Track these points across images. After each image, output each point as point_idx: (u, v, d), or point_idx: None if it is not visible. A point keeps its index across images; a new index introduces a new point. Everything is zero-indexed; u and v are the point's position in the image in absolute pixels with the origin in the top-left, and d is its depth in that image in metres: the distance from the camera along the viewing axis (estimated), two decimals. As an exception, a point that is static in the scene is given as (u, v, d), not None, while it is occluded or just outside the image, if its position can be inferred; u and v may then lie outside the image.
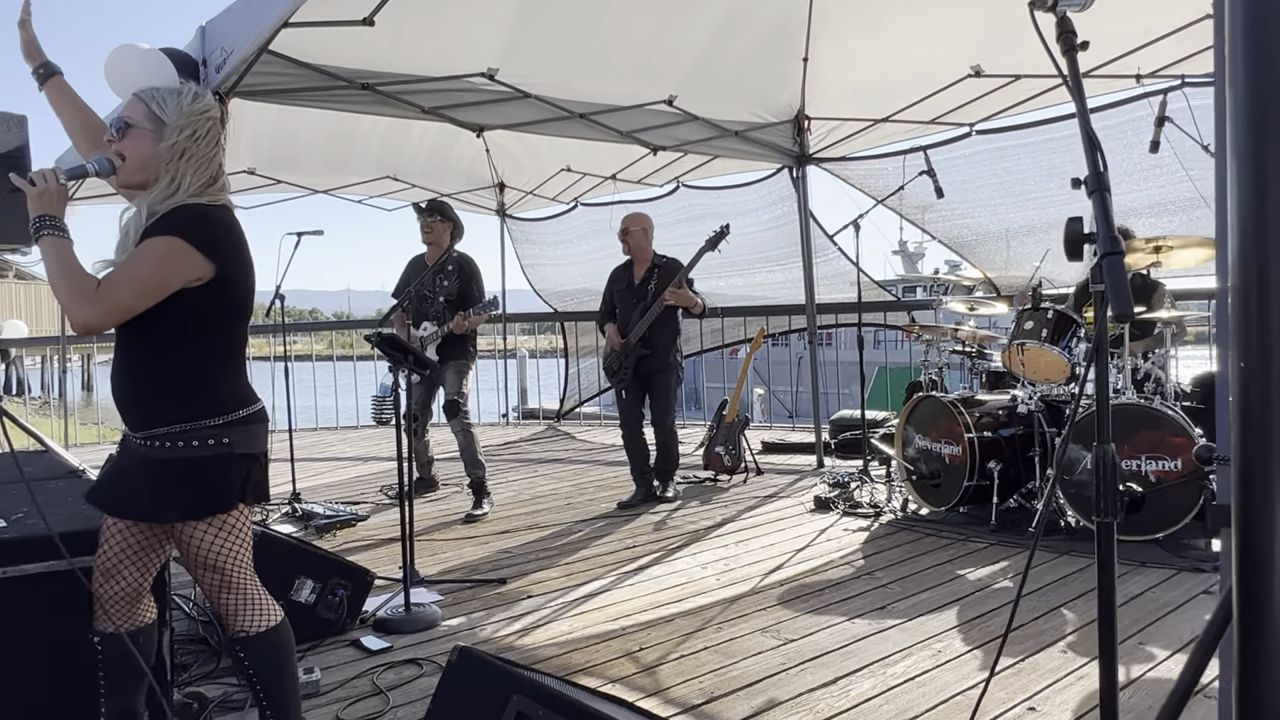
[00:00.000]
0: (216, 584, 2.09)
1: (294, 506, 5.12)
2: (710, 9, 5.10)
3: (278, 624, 2.16)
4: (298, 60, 4.18)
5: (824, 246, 7.08)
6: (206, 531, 2.05)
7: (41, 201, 1.95)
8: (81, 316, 1.92)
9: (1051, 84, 5.13)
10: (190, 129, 2.04)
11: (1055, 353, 4.47)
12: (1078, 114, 1.32)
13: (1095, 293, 1.25)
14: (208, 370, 2.07)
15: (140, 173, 2.04)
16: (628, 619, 3.46)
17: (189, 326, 2.02)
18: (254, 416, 2.12)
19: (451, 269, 5.28)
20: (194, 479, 2.02)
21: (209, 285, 2.01)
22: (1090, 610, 3.29)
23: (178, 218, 1.99)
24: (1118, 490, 1.28)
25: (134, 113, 2.05)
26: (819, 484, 5.58)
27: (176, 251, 1.96)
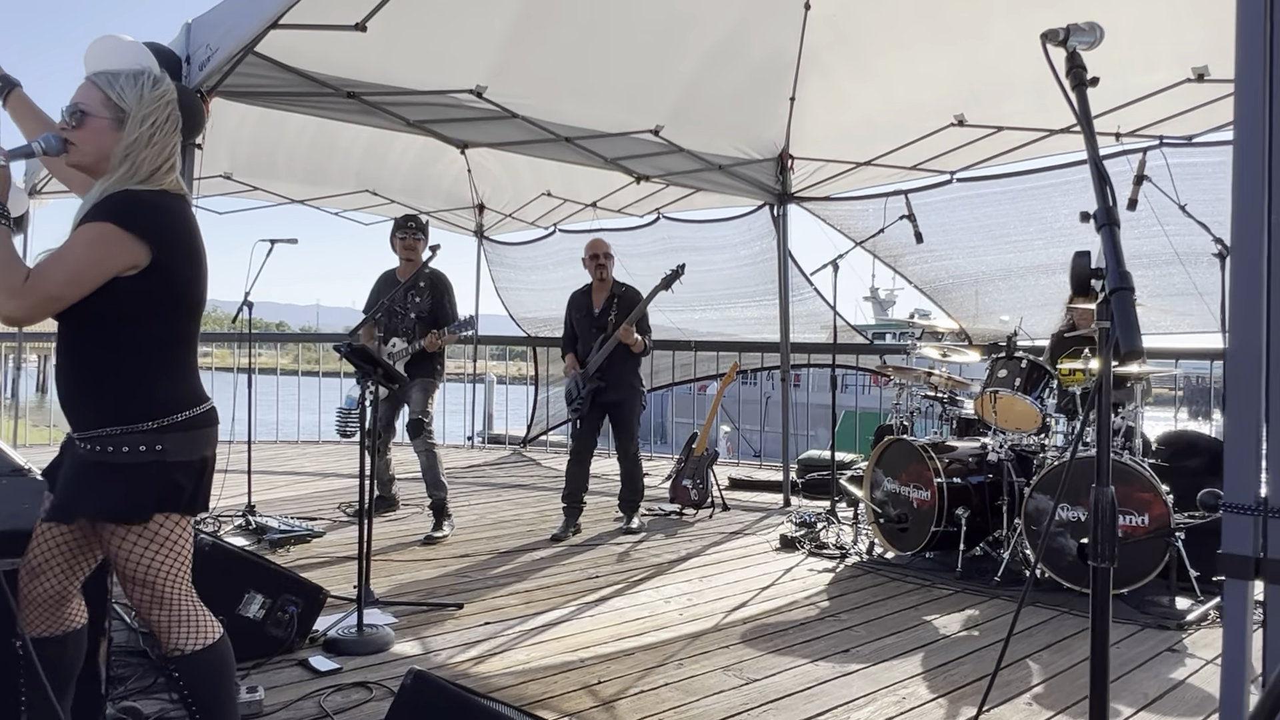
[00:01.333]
0: (147, 599, 1.98)
1: (248, 519, 4.97)
2: (701, 42, 5.13)
3: (215, 641, 2.05)
4: (284, 64, 4.12)
5: (799, 285, 7.09)
6: (136, 543, 1.94)
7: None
8: (6, 309, 1.82)
9: (1033, 137, 5.21)
10: (152, 118, 1.96)
11: (1028, 402, 4.48)
12: (1087, 148, 1.31)
13: (1101, 329, 1.22)
14: (145, 368, 1.96)
15: (97, 162, 1.96)
16: (587, 651, 3.37)
17: (124, 319, 1.92)
18: (196, 420, 2.00)
19: (424, 285, 5.20)
20: (115, 484, 1.91)
21: (145, 273, 1.90)
22: (1056, 661, 3.28)
23: (110, 203, 1.90)
24: (1115, 534, 1.25)
25: (90, 100, 1.94)
26: (785, 523, 5.53)
27: (107, 236, 1.87)
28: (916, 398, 5.36)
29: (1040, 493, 4.20)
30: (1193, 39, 4.27)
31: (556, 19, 4.65)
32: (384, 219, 8.11)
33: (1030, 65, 4.86)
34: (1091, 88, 1.35)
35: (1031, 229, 5.72)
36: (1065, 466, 4.15)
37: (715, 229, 7.46)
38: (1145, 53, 4.36)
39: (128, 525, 1.94)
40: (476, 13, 4.44)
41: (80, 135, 1.94)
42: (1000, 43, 4.77)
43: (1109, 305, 1.17)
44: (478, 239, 8.84)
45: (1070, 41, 1.36)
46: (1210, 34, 4.15)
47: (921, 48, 5.07)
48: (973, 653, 3.38)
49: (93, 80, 1.96)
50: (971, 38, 4.83)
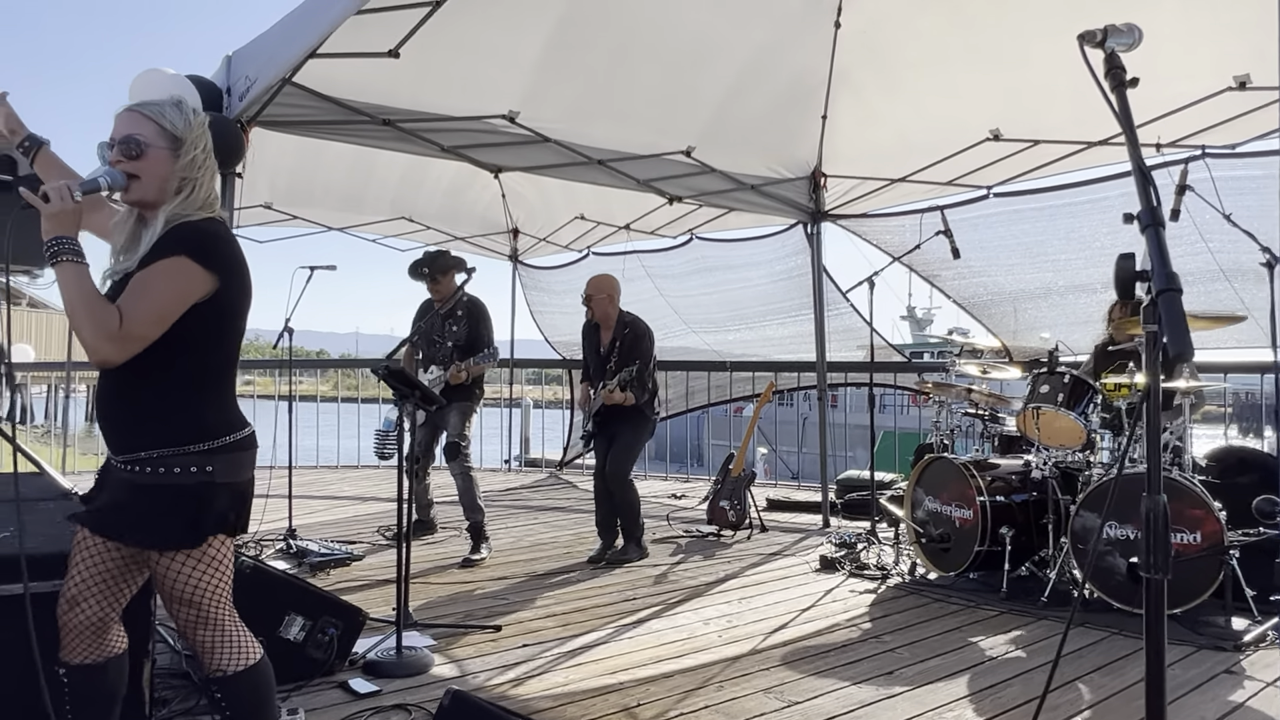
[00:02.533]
0: (192, 619, 2.00)
1: (288, 543, 5.02)
2: (731, 62, 5.15)
3: (257, 662, 2.06)
4: (321, 93, 4.20)
5: (835, 301, 7.04)
6: (185, 563, 1.96)
7: (57, 221, 1.85)
8: (103, 353, 1.84)
9: (1071, 149, 5.14)
10: (202, 142, 2.02)
11: (1071, 418, 4.39)
12: (1129, 149, 1.28)
13: (1149, 333, 1.19)
14: (194, 392, 1.99)
15: (159, 192, 1.98)
16: (625, 673, 3.33)
17: (178, 344, 1.94)
18: (240, 443, 2.03)
19: (461, 314, 5.24)
20: (173, 507, 1.93)
21: (208, 302, 1.95)
22: (1107, 684, 3.18)
23: (179, 236, 1.93)
24: (1169, 544, 1.20)
25: (144, 131, 1.96)
26: (825, 543, 5.46)
27: (186, 271, 1.91)
28: (957, 415, 5.28)
29: (1087, 510, 4.10)
30: (1233, 47, 4.20)
31: (587, 43, 4.70)
32: (419, 245, 8.20)
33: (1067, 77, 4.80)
34: (1131, 88, 1.32)
35: (1070, 248, 5.63)
36: (1112, 483, 4.05)
37: (749, 247, 7.46)
38: (1185, 61, 4.29)
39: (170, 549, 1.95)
40: (508, 38, 4.49)
41: (141, 166, 1.95)
42: (1036, 56, 4.73)
43: (1156, 308, 1.14)
44: (512, 263, 8.91)
45: (1109, 43, 1.33)
46: (1251, 42, 4.07)
47: (954, 63, 5.04)
48: (1020, 675, 3.30)
49: (139, 111, 1.98)
50: (1006, 51, 4.80)
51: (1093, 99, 4.94)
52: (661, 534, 5.90)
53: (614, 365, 5.15)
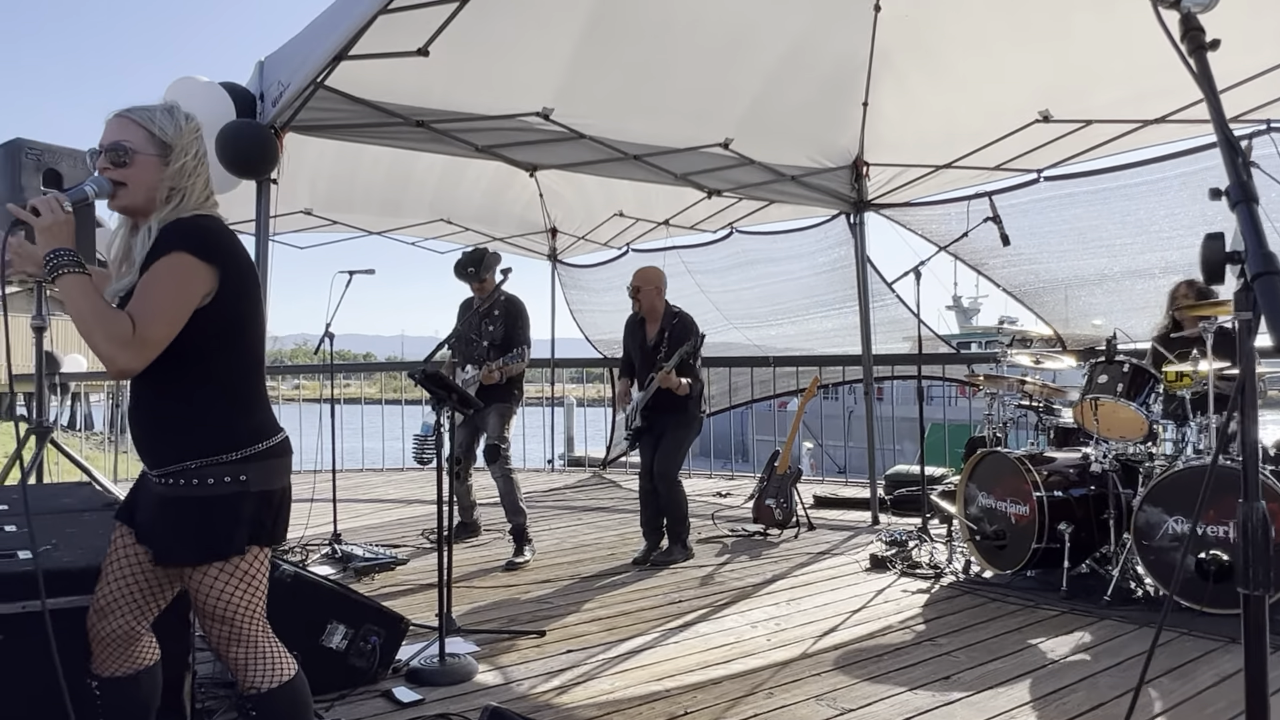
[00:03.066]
0: (225, 636, 1.95)
1: (334, 548, 5.02)
2: (768, 52, 5.02)
3: (292, 678, 2.01)
4: (353, 96, 4.17)
5: (880, 292, 6.89)
6: (218, 577, 1.91)
7: (51, 234, 1.82)
8: (120, 362, 1.79)
9: (1125, 129, 4.94)
10: (194, 148, 1.98)
11: (1132, 409, 4.21)
12: (1212, 116, 1.16)
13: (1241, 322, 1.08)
14: (221, 399, 1.94)
15: (147, 199, 1.94)
16: (672, 680, 3.25)
17: (196, 349, 1.90)
18: (274, 449, 1.99)
19: (498, 313, 5.21)
20: (207, 519, 1.89)
21: (215, 300, 1.91)
22: (1177, 689, 3.03)
23: (175, 233, 1.89)
24: (1269, 555, 1.09)
25: (133, 138, 1.93)
26: (875, 541, 5.32)
27: (188, 266, 1.87)
28: (1009, 407, 5.11)
29: (1151, 505, 3.93)
30: (1300, 14, 3.99)
31: (621, 37, 4.61)
32: (458, 247, 8.21)
33: (1119, 55, 4.63)
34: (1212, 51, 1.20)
35: (1127, 231, 5.40)
36: (1178, 477, 3.87)
37: (790, 239, 7.32)
38: (1246, 32, 4.08)
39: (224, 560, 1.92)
40: (539, 34, 4.43)
41: (129, 174, 1.92)
42: (1085, 34, 4.55)
43: (1251, 293, 1.03)
44: (551, 263, 8.87)
45: (1184, 3, 1.22)
46: (1320, 7, 3.87)
47: (1000, 44, 4.86)
48: (1085, 679, 3.16)
49: (129, 117, 1.95)
50: (1054, 31, 4.61)
51: (1147, 76, 4.71)
52: (707, 534, 5.81)
53: (663, 357, 5.06)
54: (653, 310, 5.22)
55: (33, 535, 2.19)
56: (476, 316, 5.19)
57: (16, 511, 3.13)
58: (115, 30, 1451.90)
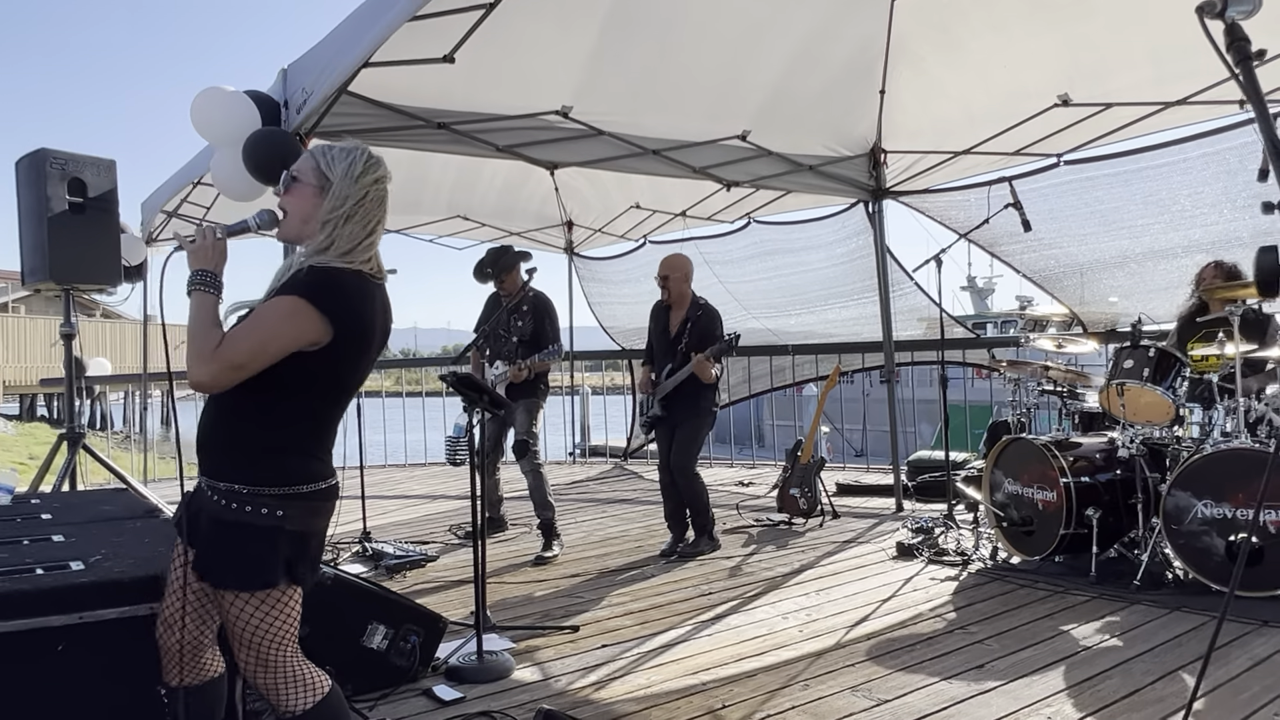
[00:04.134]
0: (252, 662, 1.99)
1: (364, 545, 5.08)
2: (784, 42, 5.02)
3: (324, 697, 2.04)
4: (376, 100, 4.20)
5: (898, 281, 6.88)
6: (246, 605, 1.95)
7: (196, 257, 1.96)
8: (196, 374, 1.87)
9: (1145, 112, 4.92)
10: (357, 197, 2.00)
11: (1158, 393, 4.21)
12: (1261, 129, 1.17)
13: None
14: (287, 437, 1.98)
15: (302, 227, 2.02)
16: (707, 673, 3.29)
17: (283, 388, 1.94)
18: (321, 494, 2.01)
19: (526, 309, 5.25)
20: (240, 547, 1.93)
21: (322, 352, 1.94)
22: (1214, 674, 3.03)
23: (306, 278, 1.95)
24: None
25: (303, 168, 2.03)
26: (900, 529, 5.34)
27: (299, 312, 1.91)
28: (1033, 393, 5.11)
29: (1180, 489, 3.93)
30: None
31: (637, 33, 4.62)
32: (476, 243, 8.24)
33: (1140, 36, 4.61)
34: (1258, 61, 1.21)
35: (1150, 212, 5.37)
36: (1206, 461, 3.87)
37: (808, 229, 7.32)
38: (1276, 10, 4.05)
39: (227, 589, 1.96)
40: (558, 34, 4.44)
41: (290, 201, 2.02)
42: (1105, 15, 4.53)
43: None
44: (568, 256, 8.89)
45: (1229, 12, 1.22)
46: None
47: (1018, 27, 4.84)
48: (1119, 665, 3.17)
49: (310, 150, 2.06)
50: (1073, 13, 4.58)
51: (1168, 57, 4.68)
52: (732, 524, 5.85)
53: (684, 347, 5.08)
54: (680, 298, 5.23)
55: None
56: (505, 313, 5.23)
57: (62, 520, 3.20)
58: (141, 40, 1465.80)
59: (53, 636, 2.23)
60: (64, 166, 4.74)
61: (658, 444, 5.32)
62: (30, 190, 4.72)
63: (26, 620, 2.18)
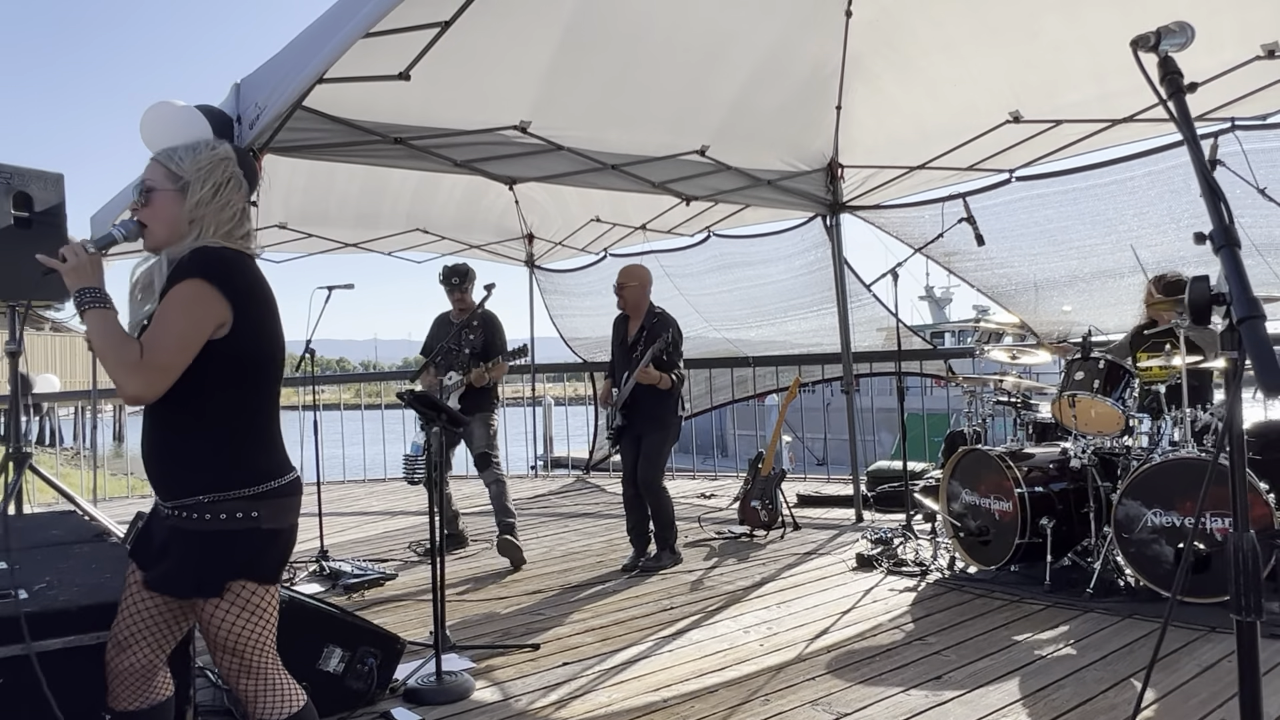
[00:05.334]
0: (235, 668, 1.97)
1: (321, 564, 5.01)
2: (743, 59, 5.07)
3: (300, 709, 2.03)
4: (331, 115, 4.16)
5: (856, 292, 6.97)
6: (229, 611, 1.93)
7: (77, 275, 1.91)
8: (131, 389, 1.84)
9: (1093, 129, 5.03)
10: (210, 178, 1.99)
11: (1109, 404, 4.30)
12: (1193, 159, 1.21)
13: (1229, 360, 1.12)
14: (237, 434, 1.96)
15: (169, 234, 1.98)
16: (669, 689, 3.29)
17: (213, 383, 1.92)
18: (287, 488, 2.01)
19: (477, 324, 5.46)
20: (217, 553, 1.91)
21: (231, 333, 1.92)
22: (1162, 680, 3.10)
23: (192, 260, 1.92)
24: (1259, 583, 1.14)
25: (155, 176, 2.00)
26: (860, 540, 5.39)
27: (199, 294, 1.89)
28: (988, 404, 5.19)
29: (1130, 498, 4.01)
30: (1258, 15, 4.08)
31: (596, 48, 4.63)
32: (435, 256, 8.22)
33: (1085, 56, 4.73)
34: (1190, 94, 1.25)
35: (1096, 232, 5.50)
36: (1155, 470, 3.96)
37: (768, 242, 7.38)
38: (1209, 31, 4.13)
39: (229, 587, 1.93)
40: (516, 49, 4.44)
41: (150, 212, 1.99)
42: (1052, 36, 4.64)
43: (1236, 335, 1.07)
44: (529, 268, 8.87)
45: (1162, 46, 1.26)
46: (1278, 6, 3.97)
47: (969, 47, 4.94)
48: (1072, 674, 3.23)
49: (154, 158, 2.02)
50: (1022, 33, 4.70)
51: (1113, 75, 4.81)
52: (694, 537, 5.86)
53: (638, 355, 5.10)
54: (637, 307, 5.26)
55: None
56: (457, 329, 5.45)
57: (5, 547, 3.11)
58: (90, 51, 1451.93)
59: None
60: (9, 180, 4.62)
61: (622, 457, 5.32)
62: (-26, 204, 4.60)
63: (-35, 653, 2.12)
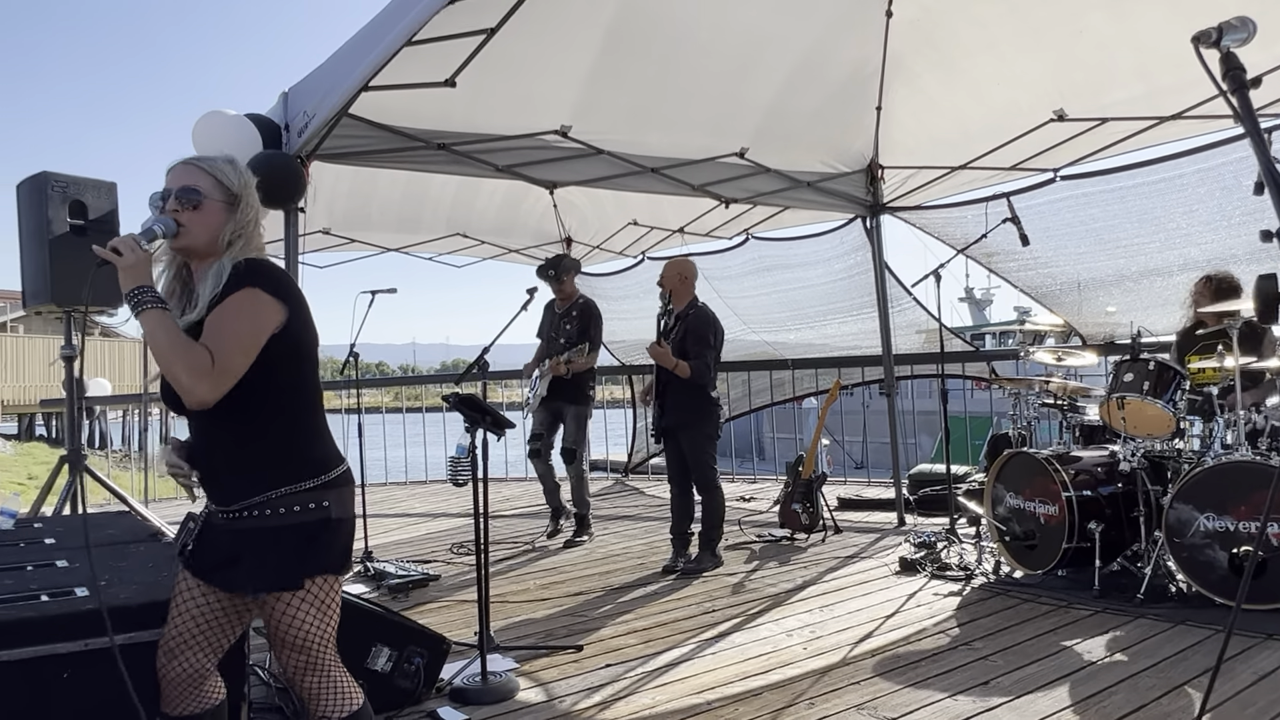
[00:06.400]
0: (301, 665, 2.00)
1: (366, 565, 5.08)
2: (782, 60, 5.06)
3: (359, 709, 2.06)
4: (376, 122, 4.22)
5: (898, 296, 6.90)
6: (300, 606, 1.96)
7: (134, 273, 1.90)
8: (200, 393, 1.85)
9: (1141, 126, 4.95)
10: (255, 201, 2.07)
11: (1159, 406, 4.22)
12: (1257, 155, 1.19)
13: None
14: (297, 428, 2.02)
15: (208, 243, 2.01)
16: (712, 691, 3.29)
17: (272, 382, 1.97)
18: (345, 476, 2.06)
19: (575, 314, 5.83)
20: (294, 548, 1.94)
21: (284, 333, 1.97)
22: (1220, 689, 3.03)
23: (245, 270, 1.97)
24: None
25: (201, 184, 2.01)
26: (903, 543, 5.35)
27: (259, 300, 1.94)
28: (1033, 406, 5.12)
29: (1182, 502, 3.94)
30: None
31: (636, 52, 4.65)
32: (476, 260, 8.28)
33: (1131, 53, 4.65)
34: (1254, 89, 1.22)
35: (1145, 231, 5.39)
36: (1207, 474, 3.88)
37: (807, 245, 7.34)
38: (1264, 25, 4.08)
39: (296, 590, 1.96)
40: (558, 54, 4.47)
41: (195, 217, 1.99)
42: (1097, 33, 4.57)
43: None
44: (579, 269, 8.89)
45: (1224, 41, 1.24)
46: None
47: (1012, 45, 4.88)
48: (1124, 680, 3.17)
49: (197, 165, 2.04)
50: (1065, 31, 4.63)
51: (1161, 72, 4.71)
52: (734, 540, 5.85)
53: (671, 342, 5.10)
54: (678, 298, 5.23)
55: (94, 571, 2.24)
56: (557, 317, 5.85)
57: (65, 545, 3.20)
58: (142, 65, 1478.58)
59: (59, 664, 2.22)
60: (65, 189, 4.76)
61: (667, 457, 5.32)
62: (31, 213, 4.73)
63: (33, 648, 2.18)
